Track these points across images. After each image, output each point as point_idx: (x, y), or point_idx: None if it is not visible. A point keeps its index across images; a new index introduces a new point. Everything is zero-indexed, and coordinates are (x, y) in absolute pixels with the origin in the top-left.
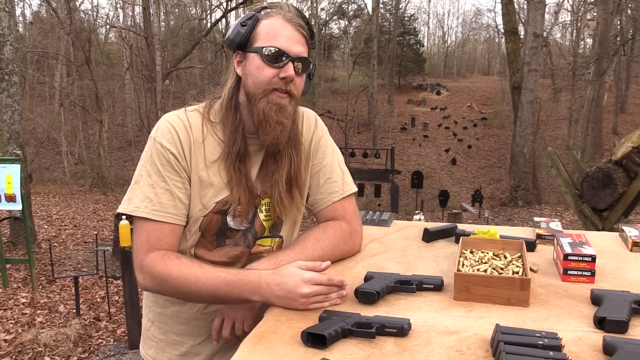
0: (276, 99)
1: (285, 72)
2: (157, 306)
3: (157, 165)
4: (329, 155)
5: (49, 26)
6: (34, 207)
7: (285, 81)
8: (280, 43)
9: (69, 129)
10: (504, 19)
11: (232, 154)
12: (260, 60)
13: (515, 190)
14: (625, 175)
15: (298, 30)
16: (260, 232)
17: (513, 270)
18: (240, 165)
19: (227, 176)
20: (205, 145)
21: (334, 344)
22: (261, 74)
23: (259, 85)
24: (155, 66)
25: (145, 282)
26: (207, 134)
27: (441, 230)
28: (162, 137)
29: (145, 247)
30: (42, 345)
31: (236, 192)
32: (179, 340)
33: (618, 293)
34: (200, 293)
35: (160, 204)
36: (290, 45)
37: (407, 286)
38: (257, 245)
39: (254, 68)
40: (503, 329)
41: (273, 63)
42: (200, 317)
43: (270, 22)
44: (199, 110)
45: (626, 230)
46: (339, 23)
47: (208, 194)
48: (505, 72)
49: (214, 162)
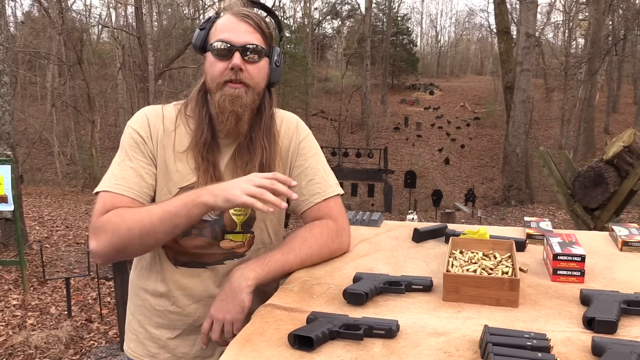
0: (229, 90)
1: (232, 61)
2: (137, 299)
3: (125, 147)
4: (311, 158)
5: (41, 26)
6: (25, 208)
7: (234, 71)
8: (225, 36)
9: (61, 130)
10: (497, 19)
11: (199, 143)
12: (211, 56)
13: (508, 189)
14: (617, 174)
15: (244, 20)
16: (230, 226)
17: (502, 271)
18: (207, 155)
19: (194, 163)
20: (176, 134)
21: (322, 346)
22: (214, 69)
23: (213, 79)
24: (148, 66)
25: (99, 242)
26: (179, 124)
27: (431, 231)
28: (134, 122)
29: (99, 212)
30: (33, 347)
31: (203, 179)
32: (156, 334)
33: (607, 293)
34: (153, 223)
35: (123, 179)
36: (235, 36)
37: (396, 287)
38: (227, 240)
39: (208, 65)
40: (492, 330)
41: (221, 56)
42: (175, 309)
43: (221, 20)
44: (175, 105)
45: (616, 229)
46: (332, 23)
47: (173, 179)
48: (498, 72)
49: (183, 151)
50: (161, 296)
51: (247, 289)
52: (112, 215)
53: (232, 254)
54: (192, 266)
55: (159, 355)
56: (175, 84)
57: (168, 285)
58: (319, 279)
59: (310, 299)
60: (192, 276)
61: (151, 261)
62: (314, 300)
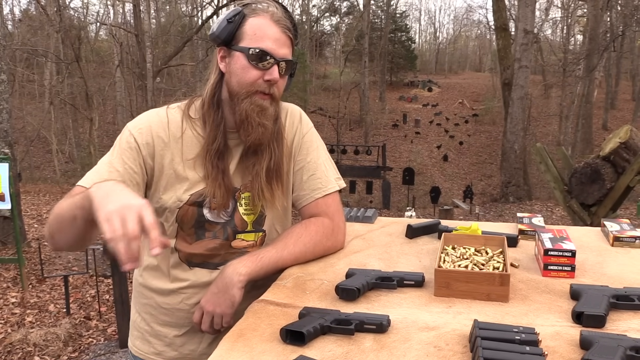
0: (259, 101)
1: (270, 75)
2: (142, 297)
3: (117, 148)
4: (314, 152)
5: (39, 23)
6: (23, 206)
7: (269, 84)
8: (267, 45)
9: (59, 127)
10: (495, 16)
11: (211, 151)
12: (245, 60)
13: (506, 186)
14: (613, 170)
15: (285, 32)
16: (241, 226)
17: (494, 266)
18: (218, 162)
19: (203, 171)
20: (184, 140)
21: (313, 341)
22: (246, 75)
23: (242, 85)
24: (146, 64)
25: (46, 230)
26: (185, 129)
27: (424, 227)
28: (133, 127)
29: None
30: (32, 345)
31: (211, 187)
32: (162, 331)
33: (597, 288)
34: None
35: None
36: (277, 48)
37: (388, 282)
38: (239, 240)
39: (239, 67)
40: (481, 324)
41: (258, 65)
42: (183, 307)
43: (258, 21)
44: (180, 107)
45: (608, 225)
46: (331, 20)
47: (183, 187)
48: (496, 69)
49: (192, 158)
50: (169, 294)
51: (238, 284)
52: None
53: (243, 252)
54: (205, 267)
55: (165, 353)
56: (174, 82)
57: (178, 285)
58: (312, 275)
59: (303, 295)
60: (204, 276)
61: (160, 262)
62: (306, 295)
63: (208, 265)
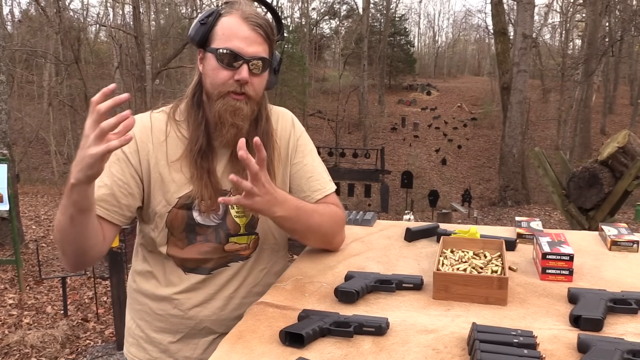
0: (231, 102)
1: (239, 74)
2: (136, 303)
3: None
4: (309, 155)
5: (38, 25)
6: (21, 208)
7: (239, 83)
8: (234, 44)
9: (58, 129)
10: (494, 20)
11: (193, 151)
12: (215, 61)
13: (505, 190)
14: (611, 175)
15: (254, 29)
16: (234, 229)
17: (492, 270)
18: (202, 162)
19: (189, 172)
20: (168, 143)
21: (312, 343)
22: (217, 76)
23: (215, 86)
24: (145, 65)
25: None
26: (170, 132)
27: (423, 230)
28: None
29: None
30: (29, 346)
31: (197, 187)
32: (157, 338)
33: (594, 291)
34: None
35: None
36: (245, 46)
37: (387, 285)
38: (231, 243)
39: (210, 69)
40: (479, 327)
41: (227, 65)
42: (177, 313)
43: (227, 20)
44: (164, 111)
45: (605, 229)
46: (330, 23)
47: (170, 190)
48: (495, 73)
49: (177, 160)
50: (162, 300)
51: (272, 214)
52: None
53: (237, 256)
54: (199, 272)
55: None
56: (173, 84)
57: (172, 290)
58: (311, 278)
59: (302, 297)
60: (198, 281)
61: (154, 267)
62: (305, 298)
63: (202, 270)
